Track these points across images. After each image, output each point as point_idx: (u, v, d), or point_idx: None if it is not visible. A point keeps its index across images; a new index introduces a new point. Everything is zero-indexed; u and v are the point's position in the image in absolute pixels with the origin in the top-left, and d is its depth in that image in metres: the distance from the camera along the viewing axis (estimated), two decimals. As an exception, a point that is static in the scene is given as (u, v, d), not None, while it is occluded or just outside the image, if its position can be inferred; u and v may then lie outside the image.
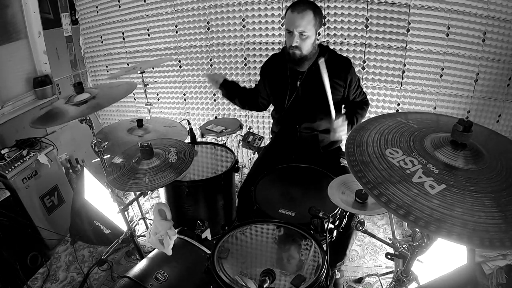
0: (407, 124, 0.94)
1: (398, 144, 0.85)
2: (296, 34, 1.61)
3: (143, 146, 1.38)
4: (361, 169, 0.79)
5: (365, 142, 0.87)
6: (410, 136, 0.88)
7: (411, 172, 0.76)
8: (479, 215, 0.68)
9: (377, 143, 0.86)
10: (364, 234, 1.69)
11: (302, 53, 1.67)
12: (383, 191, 0.73)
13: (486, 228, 0.66)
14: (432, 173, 0.76)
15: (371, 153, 0.83)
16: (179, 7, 2.75)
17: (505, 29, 2.12)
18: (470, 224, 0.66)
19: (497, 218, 0.67)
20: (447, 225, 0.66)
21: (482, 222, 0.67)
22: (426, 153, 0.81)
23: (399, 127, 0.93)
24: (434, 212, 0.68)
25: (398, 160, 0.80)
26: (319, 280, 1.07)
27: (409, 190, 0.73)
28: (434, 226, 0.67)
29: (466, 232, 0.65)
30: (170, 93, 3.14)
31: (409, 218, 0.68)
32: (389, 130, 0.91)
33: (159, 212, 1.40)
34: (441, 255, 1.54)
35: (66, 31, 2.99)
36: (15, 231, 2.01)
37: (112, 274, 2.09)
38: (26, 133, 2.36)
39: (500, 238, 0.64)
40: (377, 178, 0.76)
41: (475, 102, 2.37)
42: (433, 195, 0.71)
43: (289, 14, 1.62)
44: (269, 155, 2.02)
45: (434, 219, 0.67)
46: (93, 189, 2.31)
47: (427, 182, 0.74)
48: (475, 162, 0.79)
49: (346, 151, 0.86)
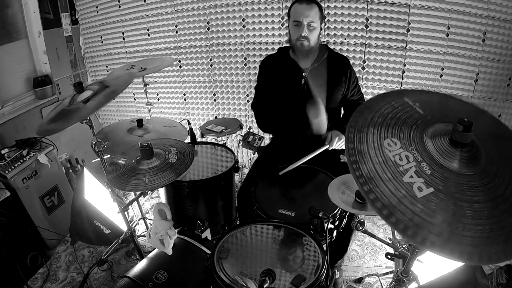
0: (413, 108, 0.89)
1: (398, 134, 0.83)
2: (305, 24, 1.65)
3: (143, 146, 1.38)
4: (357, 160, 0.78)
5: (367, 126, 0.85)
6: (412, 124, 0.85)
7: (404, 169, 0.76)
8: (457, 226, 0.67)
9: (378, 130, 0.84)
10: (364, 234, 1.69)
11: (310, 44, 1.70)
12: (373, 187, 0.73)
13: (459, 239, 0.66)
14: (424, 174, 0.75)
15: (369, 142, 0.81)
16: (179, 7, 2.75)
17: (505, 29, 2.12)
18: (445, 233, 0.66)
19: (473, 231, 0.67)
20: (424, 232, 0.67)
21: (458, 233, 0.66)
22: (423, 149, 0.80)
23: (404, 111, 0.88)
24: (415, 217, 0.68)
25: (394, 154, 0.79)
26: (319, 280, 1.07)
27: (398, 190, 0.72)
28: (411, 231, 0.67)
29: (439, 241, 0.65)
30: (170, 93, 3.14)
31: (391, 220, 0.68)
32: (393, 114, 0.87)
33: (159, 212, 1.40)
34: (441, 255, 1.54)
35: (66, 31, 2.99)
36: (15, 231, 2.01)
37: (112, 274, 2.09)
38: (26, 133, 2.36)
39: (469, 252, 0.65)
40: (370, 172, 0.75)
41: (475, 102, 2.36)
42: (418, 199, 0.71)
43: (297, 5, 1.68)
44: (269, 155, 2.02)
45: (413, 224, 0.67)
46: (93, 189, 2.31)
47: (416, 184, 0.73)
48: (472, 164, 0.77)
49: (346, 136, 0.84)
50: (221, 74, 2.87)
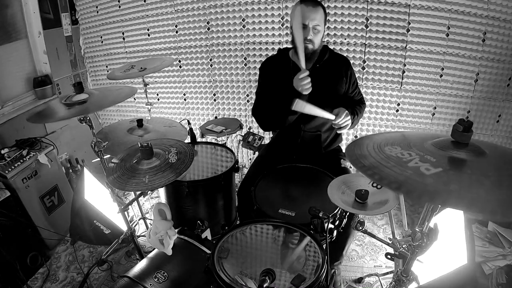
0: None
1: (398, 143, 0.85)
2: (310, 27, 1.64)
3: (143, 146, 1.38)
4: (359, 160, 0.80)
5: (365, 149, 0.87)
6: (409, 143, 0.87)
7: (407, 159, 0.76)
8: (477, 192, 0.66)
9: (377, 145, 0.87)
10: (364, 234, 1.69)
11: (314, 47, 1.69)
12: (377, 172, 0.74)
13: (486, 198, 0.65)
14: (429, 161, 0.75)
15: (370, 150, 0.84)
16: (179, 7, 2.75)
17: (505, 29, 2.12)
18: (466, 199, 0.65)
19: (497, 194, 0.66)
20: (442, 196, 0.66)
21: (480, 199, 0.65)
22: (424, 150, 0.81)
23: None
24: (427, 186, 0.68)
25: (396, 153, 0.80)
26: (319, 280, 1.07)
27: (404, 171, 0.72)
28: (427, 197, 0.67)
29: (467, 197, 0.64)
30: (170, 93, 3.14)
31: (401, 190, 0.68)
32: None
33: (159, 212, 1.40)
34: (441, 255, 1.54)
35: (66, 31, 2.99)
36: (15, 231, 2.01)
37: (112, 274, 2.09)
38: (26, 133, 2.36)
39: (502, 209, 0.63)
40: (373, 164, 0.77)
41: (475, 102, 2.37)
42: (428, 175, 0.70)
43: (303, 8, 1.63)
44: (269, 155, 2.02)
45: (427, 192, 0.67)
46: (93, 189, 2.31)
47: (423, 166, 0.73)
48: (475, 157, 0.78)
49: (346, 151, 0.86)
50: (221, 74, 2.87)
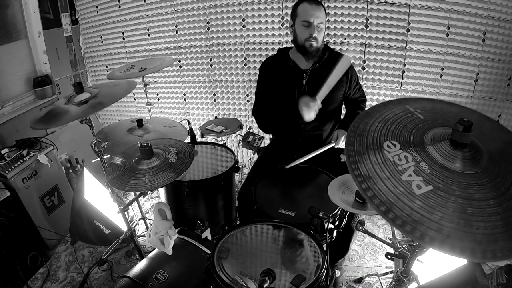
0: (414, 114, 0.91)
1: (398, 137, 0.84)
2: (315, 25, 1.65)
3: (143, 146, 1.38)
4: (356, 160, 0.79)
5: (367, 131, 0.86)
6: (413, 128, 0.86)
7: (402, 169, 0.76)
8: (458, 222, 0.67)
9: (378, 134, 0.85)
10: (364, 234, 1.69)
11: (317, 45, 1.70)
12: (371, 185, 0.74)
13: (460, 235, 0.65)
14: (423, 172, 0.76)
15: (369, 144, 0.83)
16: (179, 7, 2.75)
17: (505, 29, 2.12)
18: (445, 229, 0.66)
19: (475, 227, 0.67)
20: (422, 227, 0.67)
21: (458, 230, 0.66)
22: (422, 150, 0.81)
23: (405, 117, 0.90)
24: (413, 213, 0.69)
25: (393, 155, 0.80)
26: (319, 280, 1.07)
27: (396, 188, 0.73)
28: (410, 226, 0.67)
29: (439, 237, 0.65)
30: (170, 93, 3.14)
31: (388, 216, 0.69)
32: (394, 120, 0.89)
33: (159, 212, 1.40)
34: (441, 255, 1.54)
35: (66, 31, 2.99)
36: (15, 231, 2.01)
37: (112, 274, 2.09)
38: (26, 133, 2.36)
39: (471, 248, 0.64)
40: (369, 171, 0.76)
41: (475, 102, 2.37)
42: (417, 196, 0.71)
43: (307, 6, 1.65)
44: (270, 155, 2.02)
45: (411, 220, 0.68)
46: (93, 189, 2.31)
47: (415, 182, 0.74)
48: (471, 164, 0.78)
49: (346, 139, 0.85)
50: (221, 74, 2.87)
